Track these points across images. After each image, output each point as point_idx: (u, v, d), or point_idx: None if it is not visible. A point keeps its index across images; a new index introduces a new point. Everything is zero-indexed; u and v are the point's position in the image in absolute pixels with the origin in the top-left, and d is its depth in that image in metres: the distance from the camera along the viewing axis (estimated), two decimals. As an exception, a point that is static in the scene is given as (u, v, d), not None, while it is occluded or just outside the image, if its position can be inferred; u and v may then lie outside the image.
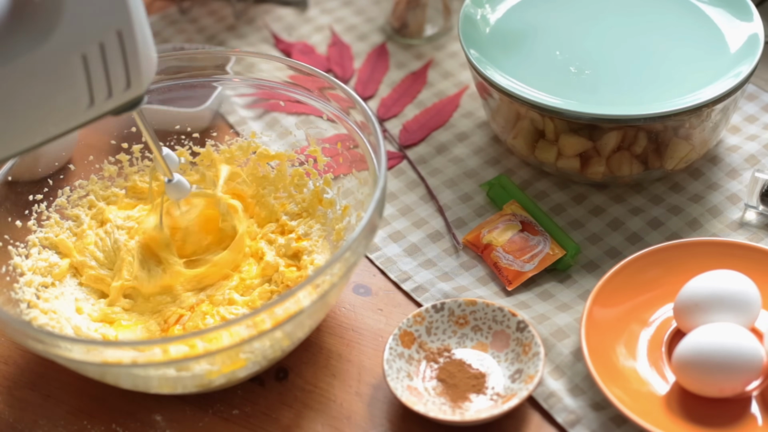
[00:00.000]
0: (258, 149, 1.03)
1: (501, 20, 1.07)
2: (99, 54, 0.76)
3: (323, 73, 0.98)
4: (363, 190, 0.96)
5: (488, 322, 0.93)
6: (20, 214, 0.98)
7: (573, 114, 0.98)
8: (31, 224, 0.98)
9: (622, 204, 1.04)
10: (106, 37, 0.76)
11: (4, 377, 0.94)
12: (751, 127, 1.10)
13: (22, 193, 0.98)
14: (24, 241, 0.97)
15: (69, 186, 1.02)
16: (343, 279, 0.85)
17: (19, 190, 0.98)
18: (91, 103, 0.78)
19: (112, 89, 0.78)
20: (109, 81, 0.78)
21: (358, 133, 0.96)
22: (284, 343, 0.87)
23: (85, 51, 0.76)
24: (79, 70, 0.77)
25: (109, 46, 0.77)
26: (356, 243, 0.85)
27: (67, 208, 1.01)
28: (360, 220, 0.88)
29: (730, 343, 0.84)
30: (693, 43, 1.03)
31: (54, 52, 0.75)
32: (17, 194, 0.98)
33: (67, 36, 0.75)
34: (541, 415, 0.89)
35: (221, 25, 1.28)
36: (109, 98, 0.79)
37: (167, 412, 0.91)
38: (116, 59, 0.77)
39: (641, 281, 0.94)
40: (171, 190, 0.94)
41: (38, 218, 0.99)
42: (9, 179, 0.97)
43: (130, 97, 0.80)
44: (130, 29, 0.77)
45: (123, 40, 0.77)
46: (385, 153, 0.90)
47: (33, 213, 0.99)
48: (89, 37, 0.76)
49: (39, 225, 0.99)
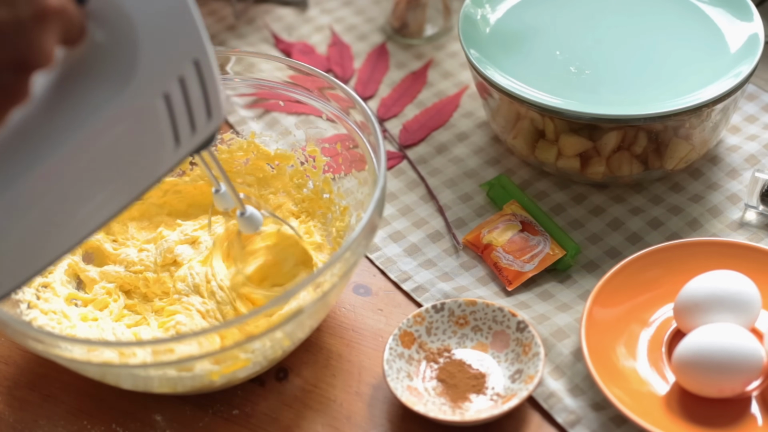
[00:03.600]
0: (258, 149, 1.03)
1: (501, 20, 1.07)
2: (179, 89, 0.72)
3: (323, 73, 0.98)
4: (363, 190, 0.96)
5: (488, 323, 0.93)
6: None
7: (573, 114, 0.98)
8: None
9: (622, 204, 1.04)
10: (185, 69, 0.71)
11: (4, 377, 0.94)
12: (751, 127, 1.10)
13: None
14: None
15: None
16: (343, 279, 0.85)
17: None
18: (177, 142, 0.73)
19: (195, 122, 0.73)
20: (191, 114, 0.73)
21: (358, 133, 0.95)
22: (285, 343, 0.87)
23: (166, 89, 0.71)
24: (162, 112, 0.72)
25: (189, 77, 0.72)
26: (356, 243, 0.85)
27: None
28: (360, 220, 0.88)
29: (730, 344, 0.84)
30: (693, 43, 1.03)
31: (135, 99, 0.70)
32: None
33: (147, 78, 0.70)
34: (541, 415, 0.89)
35: (221, 25, 1.28)
36: (194, 133, 0.74)
37: (167, 412, 0.91)
38: (196, 90, 0.73)
39: (641, 281, 0.94)
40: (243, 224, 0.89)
41: None
42: None
43: (212, 128, 0.75)
44: (205, 56, 0.72)
45: (201, 68, 0.72)
46: (385, 153, 0.90)
47: None
48: (169, 73, 0.71)
49: None
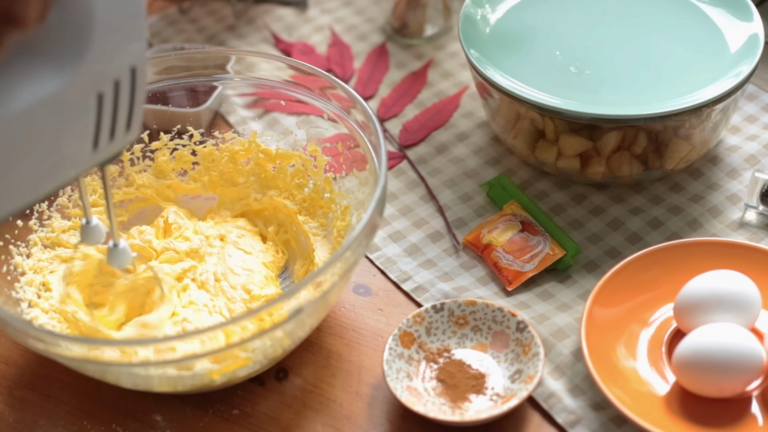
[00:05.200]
0: (260, 148, 1.03)
1: (501, 20, 1.07)
2: (113, 92, 0.69)
3: (324, 73, 0.98)
4: (363, 189, 0.96)
5: (488, 323, 0.93)
6: (21, 213, 0.98)
7: (573, 114, 0.98)
8: (32, 223, 0.98)
9: (622, 204, 1.04)
10: (122, 74, 0.69)
11: (4, 377, 0.94)
12: (751, 127, 1.10)
13: None
14: (25, 240, 0.97)
15: (70, 185, 1.01)
16: (343, 278, 0.86)
17: None
18: (95, 147, 0.71)
19: (115, 130, 0.71)
20: (115, 121, 0.70)
21: (359, 132, 0.95)
22: (285, 342, 0.87)
23: (102, 89, 0.69)
24: (92, 110, 0.69)
25: (124, 83, 0.69)
26: (357, 242, 0.85)
27: (69, 207, 1.01)
28: (360, 220, 0.88)
29: (730, 343, 0.84)
30: (693, 43, 1.03)
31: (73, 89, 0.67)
32: None
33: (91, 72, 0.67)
34: (541, 415, 0.89)
35: (221, 25, 1.28)
36: (111, 141, 0.71)
37: (167, 412, 0.91)
38: (125, 98, 0.70)
39: (641, 281, 0.94)
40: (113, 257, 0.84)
41: (39, 217, 0.99)
42: None
43: (127, 141, 0.72)
44: (143, 66, 0.70)
45: (136, 77, 0.69)
46: (386, 152, 0.90)
47: (34, 212, 0.99)
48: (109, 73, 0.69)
49: (40, 224, 0.99)
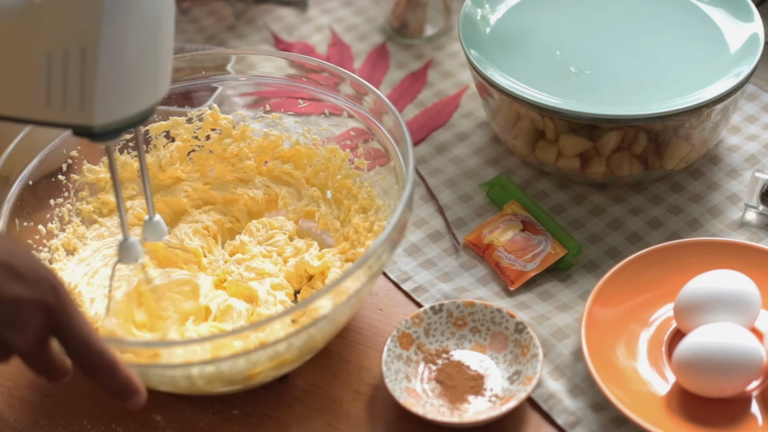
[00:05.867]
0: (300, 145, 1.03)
1: (501, 20, 1.07)
2: (61, 61, 0.75)
3: (330, 65, 0.99)
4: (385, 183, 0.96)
5: (486, 324, 0.93)
6: (42, 219, 0.98)
7: (573, 114, 0.98)
8: (53, 227, 0.98)
9: (622, 204, 1.04)
10: (70, 48, 0.74)
11: (4, 377, 0.94)
12: (751, 127, 1.10)
13: (42, 197, 0.98)
14: (47, 245, 0.97)
15: (88, 188, 1.01)
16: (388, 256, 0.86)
17: (40, 194, 0.98)
18: (48, 102, 0.76)
19: (67, 101, 0.76)
20: (65, 92, 0.75)
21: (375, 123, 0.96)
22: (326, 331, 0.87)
23: (49, 49, 0.75)
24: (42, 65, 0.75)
25: (71, 58, 0.74)
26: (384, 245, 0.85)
27: (87, 212, 1.01)
28: (393, 213, 0.87)
29: (730, 343, 0.84)
30: (693, 43, 1.03)
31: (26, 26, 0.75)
32: (38, 198, 0.97)
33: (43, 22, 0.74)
34: (540, 416, 0.89)
35: (221, 25, 1.28)
36: (64, 109, 0.76)
37: (167, 412, 0.91)
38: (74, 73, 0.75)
39: (641, 281, 0.94)
40: (149, 230, 0.89)
41: (60, 221, 0.99)
42: (30, 183, 0.96)
43: (82, 120, 0.76)
44: (94, 52, 0.74)
45: (85, 58, 0.74)
46: (410, 139, 0.91)
47: (54, 217, 0.99)
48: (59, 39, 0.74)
49: (61, 229, 0.99)
